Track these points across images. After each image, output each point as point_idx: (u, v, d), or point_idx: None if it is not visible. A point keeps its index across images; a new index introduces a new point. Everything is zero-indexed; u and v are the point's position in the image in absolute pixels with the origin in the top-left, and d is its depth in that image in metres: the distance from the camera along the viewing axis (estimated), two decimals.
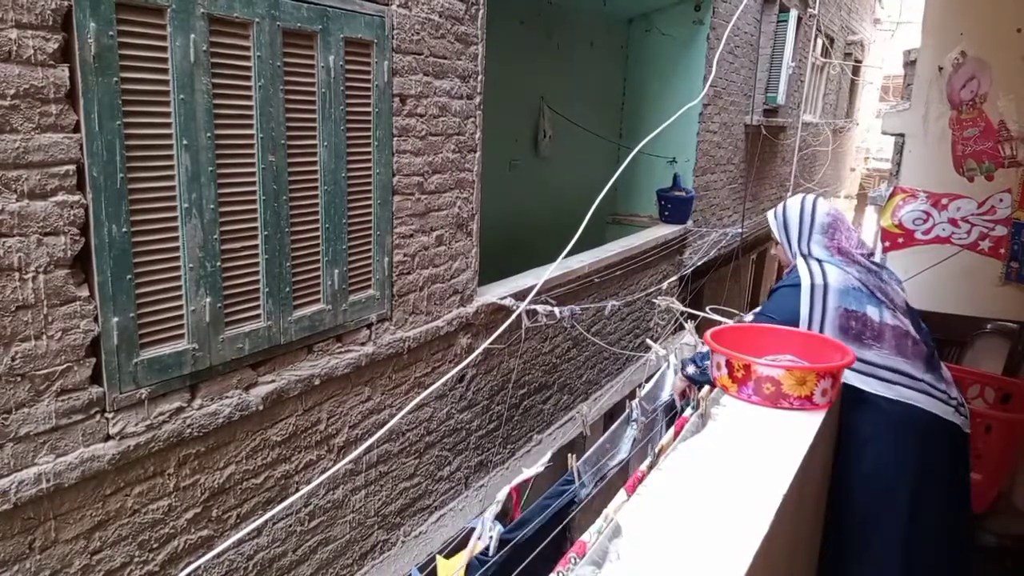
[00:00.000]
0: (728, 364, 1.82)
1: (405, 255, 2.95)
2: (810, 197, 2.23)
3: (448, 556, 2.31)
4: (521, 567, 2.05)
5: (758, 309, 2.30)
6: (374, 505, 3.05)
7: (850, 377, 1.95)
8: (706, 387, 2.07)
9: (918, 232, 4.23)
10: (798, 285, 2.06)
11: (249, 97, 2.19)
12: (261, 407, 2.37)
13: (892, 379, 1.97)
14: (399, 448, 3.14)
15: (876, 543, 1.97)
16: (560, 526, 2.27)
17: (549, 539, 2.16)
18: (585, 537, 1.47)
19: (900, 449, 1.95)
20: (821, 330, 1.98)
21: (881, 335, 1.99)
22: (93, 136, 1.78)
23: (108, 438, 1.94)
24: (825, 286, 2.01)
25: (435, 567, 2.30)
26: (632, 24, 6.54)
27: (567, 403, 4.74)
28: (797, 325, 2.02)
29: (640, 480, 1.67)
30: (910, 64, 4.38)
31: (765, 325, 2.09)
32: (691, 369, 2.40)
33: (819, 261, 2.08)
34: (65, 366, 1.81)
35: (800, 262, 2.12)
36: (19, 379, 1.73)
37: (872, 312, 1.99)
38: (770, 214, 2.31)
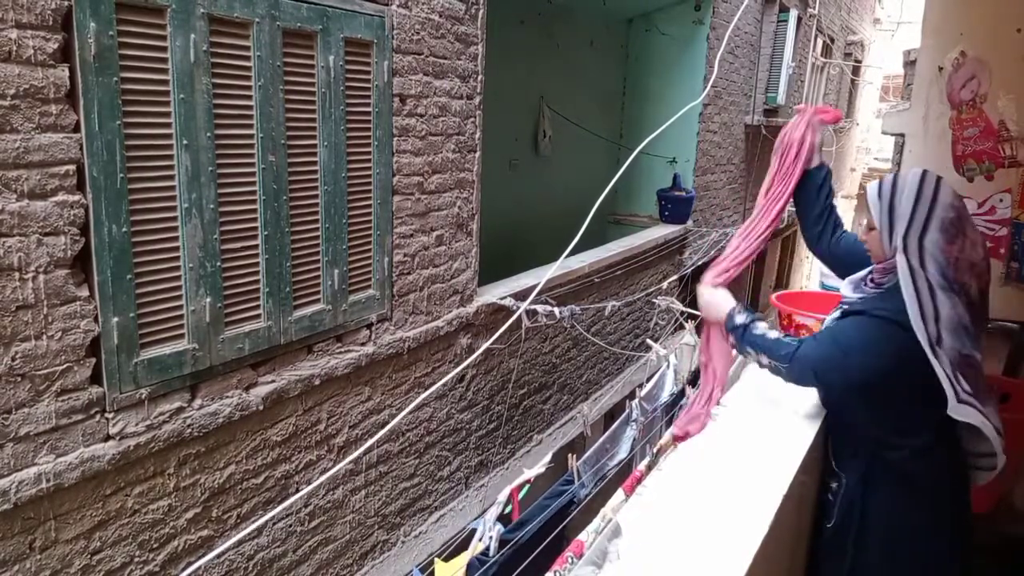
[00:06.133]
0: (779, 314, 2.33)
1: (405, 255, 2.95)
2: (932, 176, 1.62)
3: (447, 559, 2.31)
4: (522, 567, 2.05)
5: (830, 330, 1.76)
6: (374, 505, 3.05)
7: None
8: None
9: None
10: (899, 323, 1.55)
11: (249, 97, 2.19)
12: (261, 407, 2.37)
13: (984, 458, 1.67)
14: (399, 448, 3.14)
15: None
16: (560, 526, 2.27)
17: (549, 539, 2.16)
18: (582, 536, 1.47)
19: (923, 513, 1.73)
20: (958, 380, 1.57)
21: (991, 392, 1.62)
22: (93, 136, 1.78)
23: (108, 438, 1.94)
24: (938, 337, 1.53)
25: (434, 569, 2.30)
26: (632, 24, 6.54)
27: (567, 403, 4.74)
28: (894, 375, 1.60)
29: (638, 480, 1.67)
30: (910, 64, 4.38)
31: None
32: (730, 340, 1.89)
33: (929, 284, 1.54)
34: (65, 366, 1.81)
35: (906, 279, 1.56)
36: (19, 379, 1.73)
37: (977, 360, 1.61)
38: (872, 188, 1.69)
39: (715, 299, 1.95)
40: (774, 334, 1.78)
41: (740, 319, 1.84)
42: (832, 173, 2.00)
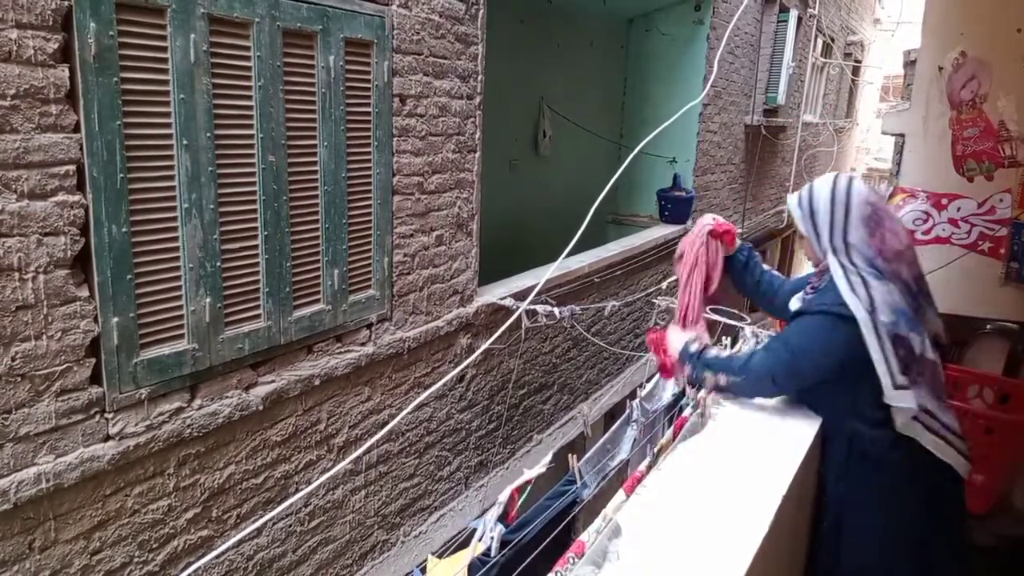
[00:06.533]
0: None
1: (405, 255, 2.95)
2: (844, 178, 1.75)
3: (441, 557, 2.31)
4: (522, 567, 2.05)
5: (779, 336, 1.83)
6: (374, 505, 3.05)
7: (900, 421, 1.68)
8: (703, 391, 2.03)
9: (918, 232, 4.23)
10: (839, 316, 1.65)
11: (249, 97, 2.19)
12: (261, 407, 2.37)
13: (935, 428, 1.69)
14: (399, 448, 3.14)
15: None
16: (562, 526, 2.27)
17: (551, 539, 2.16)
18: (583, 537, 1.47)
19: (914, 510, 1.74)
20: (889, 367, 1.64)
21: (924, 370, 1.65)
22: (93, 136, 1.78)
23: (108, 438, 1.94)
24: (875, 321, 1.62)
25: (427, 565, 2.29)
26: (632, 24, 6.53)
27: (567, 403, 4.74)
28: (828, 369, 1.69)
29: (639, 480, 1.67)
30: (910, 64, 4.38)
31: None
32: (687, 370, 1.94)
33: (862, 276, 1.66)
34: (65, 366, 1.81)
35: (838, 274, 1.69)
36: (19, 379, 1.73)
37: (915, 341, 1.64)
38: (792, 199, 1.84)
39: (673, 337, 2.02)
40: (726, 353, 1.89)
41: (694, 347, 1.92)
42: (751, 248, 2.18)
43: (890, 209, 1.74)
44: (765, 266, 2.15)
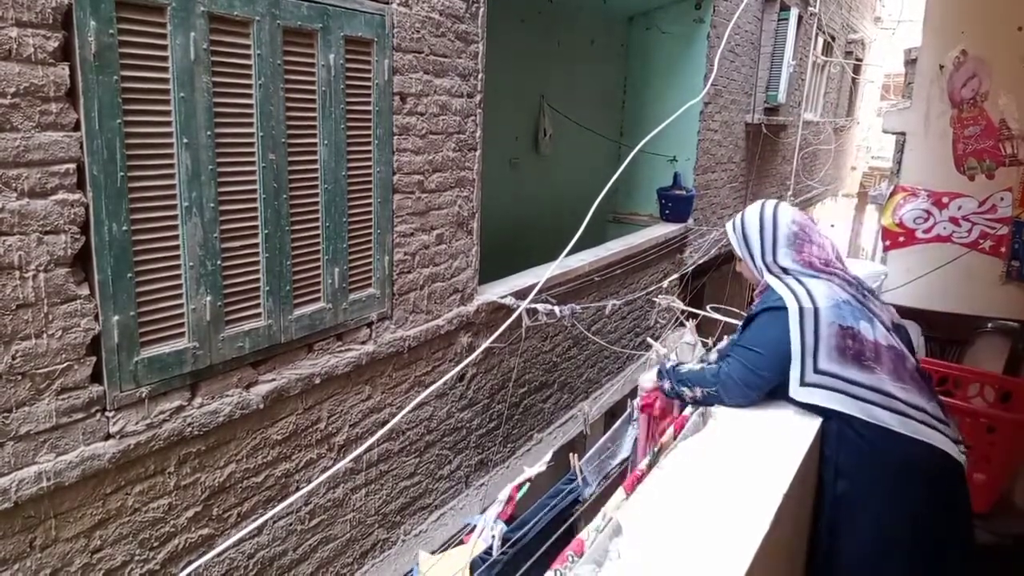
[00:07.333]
0: None
1: (405, 254, 2.94)
2: (770, 204, 1.94)
3: (435, 554, 2.31)
4: (525, 566, 2.05)
5: (732, 338, 1.96)
6: (374, 504, 3.05)
7: (855, 408, 1.73)
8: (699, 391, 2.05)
9: (919, 231, 4.23)
10: (780, 309, 1.77)
11: (249, 95, 2.19)
12: (261, 406, 2.37)
13: (903, 410, 1.72)
14: (399, 447, 3.14)
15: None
16: (564, 525, 2.28)
17: (553, 538, 2.16)
18: (583, 535, 1.47)
19: (910, 500, 1.74)
20: (816, 356, 1.73)
21: (879, 356, 1.73)
22: (93, 134, 1.78)
23: (108, 437, 1.94)
24: (815, 308, 1.73)
25: (419, 559, 2.30)
26: (632, 22, 6.53)
27: (567, 402, 4.74)
28: (787, 357, 1.75)
29: (639, 479, 1.67)
30: (911, 62, 4.38)
31: None
32: (666, 385, 2.09)
33: (797, 279, 1.81)
34: (65, 365, 1.81)
35: (774, 281, 1.85)
36: (20, 378, 1.73)
37: (865, 329, 1.74)
38: (728, 227, 2.02)
39: (646, 376, 2.24)
40: (698, 366, 2.01)
41: (667, 365, 2.10)
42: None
43: (815, 227, 1.92)
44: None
